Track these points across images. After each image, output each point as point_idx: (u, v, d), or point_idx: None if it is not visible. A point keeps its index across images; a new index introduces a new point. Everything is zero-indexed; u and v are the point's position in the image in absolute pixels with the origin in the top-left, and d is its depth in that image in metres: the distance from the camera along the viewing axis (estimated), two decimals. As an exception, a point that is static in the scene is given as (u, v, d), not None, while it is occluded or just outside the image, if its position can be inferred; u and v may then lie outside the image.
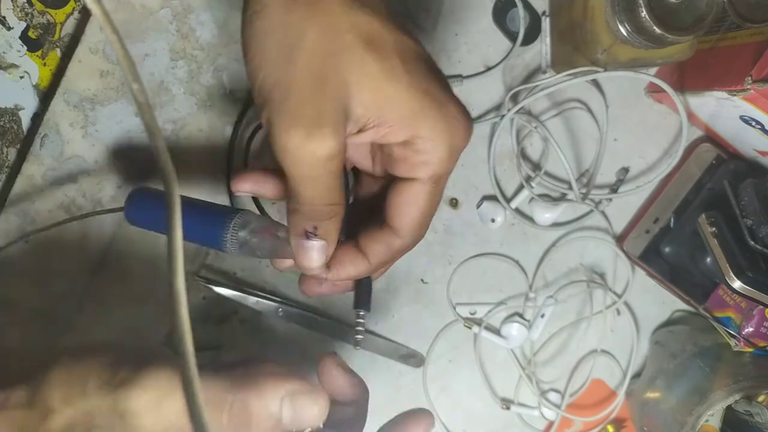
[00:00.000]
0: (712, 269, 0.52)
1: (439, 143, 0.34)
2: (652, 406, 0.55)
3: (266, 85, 0.32)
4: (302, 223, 0.35)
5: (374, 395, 0.57)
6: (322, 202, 0.35)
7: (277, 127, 0.32)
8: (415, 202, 0.36)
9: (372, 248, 0.38)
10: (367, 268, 0.38)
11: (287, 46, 0.32)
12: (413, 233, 0.37)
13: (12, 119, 0.51)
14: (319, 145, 0.32)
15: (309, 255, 0.36)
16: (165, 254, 0.52)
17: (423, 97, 0.33)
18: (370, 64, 0.32)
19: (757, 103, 0.45)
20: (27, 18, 0.50)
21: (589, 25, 0.48)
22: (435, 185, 0.36)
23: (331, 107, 0.32)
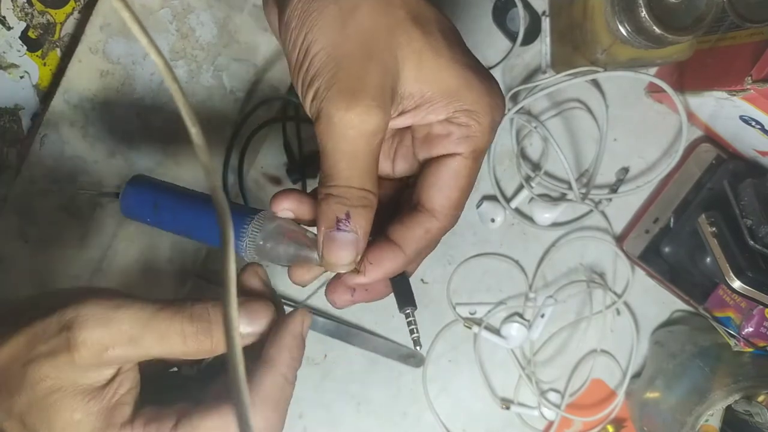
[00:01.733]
0: (712, 269, 0.52)
1: (483, 116, 0.34)
2: (651, 406, 0.55)
3: (319, 58, 0.32)
4: (334, 209, 0.33)
5: (374, 395, 0.57)
6: (359, 185, 0.33)
7: (326, 99, 0.32)
8: (457, 179, 0.35)
9: (407, 236, 0.35)
10: (404, 259, 0.35)
11: (341, 20, 0.32)
12: (452, 213, 0.36)
13: (12, 119, 0.51)
14: (365, 117, 0.31)
15: (339, 249, 0.34)
16: (164, 255, 0.52)
17: (466, 71, 0.34)
18: (417, 41, 0.33)
19: (757, 103, 0.45)
20: (27, 18, 0.50)
21: (589, 25, 0.48)
22: (475, 160, 0.35)
23: (381, 82, 0.32)
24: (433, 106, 0.34)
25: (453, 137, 0.35)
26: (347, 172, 0.33)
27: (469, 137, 0.35)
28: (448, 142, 0.35)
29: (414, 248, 0.36)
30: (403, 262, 0.36)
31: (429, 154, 0.36)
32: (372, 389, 0.57)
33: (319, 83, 0.32)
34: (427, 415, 0.57)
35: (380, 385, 0.57)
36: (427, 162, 0.36)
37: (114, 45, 0.50)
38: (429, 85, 0.33)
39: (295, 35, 0.32)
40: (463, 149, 0.35)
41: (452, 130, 0.35)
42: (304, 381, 0.38)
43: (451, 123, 0.35)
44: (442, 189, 0.35)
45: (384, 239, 0.35)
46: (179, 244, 0.52)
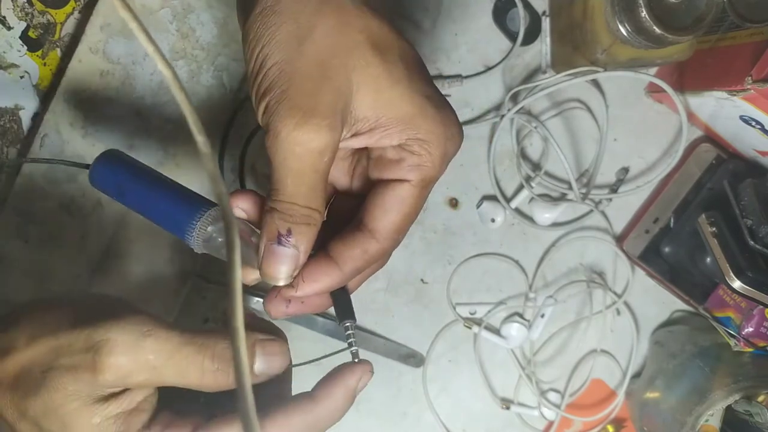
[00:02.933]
0: (712, 269, 0.52)
1: (435, 146, 0.35)
2: (651, 406, 0.55)
3: (272, 74, 0.32)
4: (277, 224, 0.34)
5: (374, 395, 0.57)
6: (304, 203, 0.34)
7: (275, 115, 0.32)
8: (402, 204, 0.35)
9: (345, 255, 0.35)
10: (340, 277, 0.36)
11: (298, 38, 0.32)
12: (393, 237, 0.36)
13: (12, 119, 0.51)
14: (313, 136, 0.32)
15: (277, 262, 0.34)
16: (165, 255, 0.52)
17: (423, 101, 0.34)
18: (375, 66, 0.33)
19: (757, 103, 0.45)
20: (27, 18, 0.50)
21: (589, 25, 0.48)
22: (423, 189, 0.36)
23: (333, 102, 0.32)
24: (388, 131, 0.34)
25: (404, 164, 0.35)
26: (292, 188, 0.33)
27: (420, 166, 0.35)
28: (399, 168, 0.35)
29: (351, 267, 0.36)
30: (339, 279, 0.36)
31: (380, 176, 0.36)
32: (372, 389, 0.57)
33: (270, 97, 0.32)
34: (427, 415, 0.57)
35: (380, 385, 0.57)
36: (377, 183, 0.37)
37: (114, 45, 0.50)
38: (384, 111, 0.34)
39: (251, 47, 0.33)
40: (413, 177, 0.35)
41: (404, 157, 0.35)
42: (304, 381, 0.38)
43: (404, 150, 0.35)
44: (387, 212, 0.36)
45: (323, 255, 0.36)
46: (179, 244, 0.52)
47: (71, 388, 0.32)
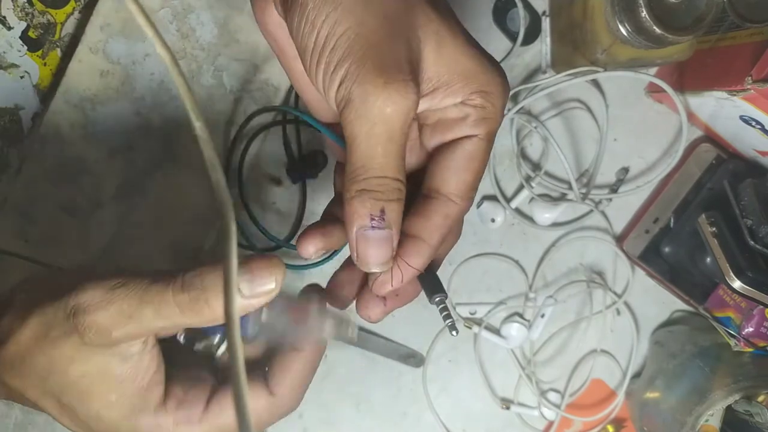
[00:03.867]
0: (712, 269, 0.52)
1: (497, 97, 0.34)
2: (651, 406, 0.55)
3: (347, 37, 0.31)
4: (369, 207, 0.32)
5: (374, 395, 0.57)
6: (394, 174, 0.32)
7: (359, 80, 0.30)
8: (473, 160, 0.35)
9: (428, 227, 0.34)
10: (429, 252, 0.34)
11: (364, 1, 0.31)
12: (469, 195, 0.35)
13: (12, 119, 0.51)
14: (403, 93, 0.30)
15: (376, 248, 0.32)
16: (165, 255, 0.52)
17: (480, 53, 0.33)
18: (435, 22, 0.32)
19: (757, 103, 0.45)
20: (27, 18, 0.50)
21: (589, 25, 0.48)
22: (490, 142, 0.35)
23: (410, 58, 0.31)
24: (451, 88, 0.33)
25: (469, 119, 0.34)
26: (383, 159, 0.31)
27: (485, 119, 0.34)
28: (464, 125, 0.34)
29: (437, 237, 0.35)
30: (429, 253, 0.35)
31: (442, 139, 0.35)
32: (372, 389, 0.57)
33: (349, 64, 0.30)
34: (427, 415, 0.57)
35: (380, 385, 0.57)
36: (439, 148, 0.36)
37: (114, 45, 0.50)
38: (447, 68, 0.33)
39: (314, 16, 0.31)
40: (480, 131, 0.34)
41: (469, 113, 0.34)
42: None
43: (467, 105, 0.34)
44: (459, 172, 0.35)
45: (404, 236, 0.34)
46: (179, 245, 0.52)
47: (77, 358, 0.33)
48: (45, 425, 0.53)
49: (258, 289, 0.32)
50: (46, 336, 0.33)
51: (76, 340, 0.33)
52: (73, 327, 0.32)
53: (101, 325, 0.32)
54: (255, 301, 0.33)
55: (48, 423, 0.53)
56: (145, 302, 0.32)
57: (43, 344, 0.33)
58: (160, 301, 0.32)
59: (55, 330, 0.33)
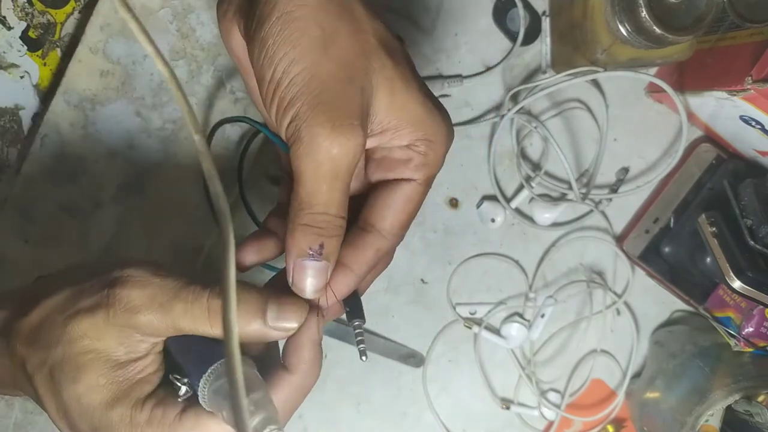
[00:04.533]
0: (712, 269, 0.52)
1: (439, 146, 0.36)
2: (651, 406, 0.55)
3: (301, 78, 0.32)
4: (309, 240, 0.34)
5: (374, 395, 0.57)
6: (336, 211, 0.34)
7: (309, 120, 0.32)
8: (409, 203, 0.37)
9: (357, 258, 0.37)
10: (355, 281, 0.37)
11: (324, 43, 0.32)
12: (400, 234, 0.37)
13: (12, 119, 0.51)
14: (350, 137, 0.32)
15: (310, 277, 0.35)
16: (165, 255, 0.52)
17: (430, 102, 0.35)
18: (388, 69, 0.34)
19: (757, 103, 0.45)
20: (27, 18, 0.50)
21: (589, 25, 0.48)
22: (427, 187, 0.37)
23: (361, 103, 0.33)
24: (399, 132, 0.35)
25: (411, 164, 0.36)
26: (327, 195, 0.33)
27: (426, 165, 0.36)
28: (406, 168, 0.36)
29: (365, 268, 0.37)
30: (355, 282, 0.37)
31: (384, 176, 0.37)
32: (372, 389, 0.57)
33: (301, 104, 0.32)
34: (427, 415, 0.57)
35: (380, 385, 0.57)
36: (379, 184, 0.37)
37: (114, 45, 0.50)
38: (398, 113, 0.34)
39: (272, 52, 0.32)
40: (419, 176, 0.36)
41: (411, 156, 0.36)
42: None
43: (412, 150, 0.36)
44: (395, 211, 0.37)
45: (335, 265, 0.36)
46: (179, 245, 0.52)
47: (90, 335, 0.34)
48: (45, 425, 0.53)
49: (281, 323, 0.35)
50: (74, 304, 0.34)
51: (99, 317, 0.33)
52: (105, 298, 0.33)
53: (132, 302, 0.33)
54: (274, 333, 0.35)
55: (48, 423, 0.53)
56: (179, 298, 0.34)
57: (66, 313, 0.34)
58: (194, 301, 0.33)
59: (85, 299, 0.34)
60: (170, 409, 0.35)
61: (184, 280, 0.34)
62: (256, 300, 0.34)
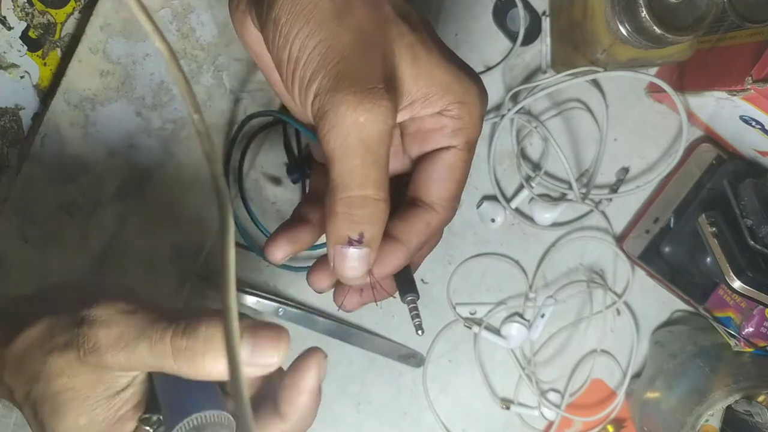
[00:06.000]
0: (712, 269, 0.52)
1: (473, 107, 0.34)
2: (652, 406, 0.55)
3: (318, 51, 0.31)
4: (347, 227, 0.32)
5: (374, 395, 0.57)
6: (374, 192, 0.31)
7: (332, 93, 0.30)
8: (453, 171, 0.35)
9: (408, 231, 0.35)
10: (407, 254, 0.35)
11: (337, 14, 0.31)
12: (450, 205, 0.36)
13: (12, 119, 0.51)
14: (377, 104, 0.30)
15: (351, 265, 0.33)
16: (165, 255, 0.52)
17: (454, 65, 0.34)
18: (407, 35, 0.32)
19: (757, 103, 0.45)
20: (27, 18, 0.50)
21: (589, 25, 0.48)
22: (469, 152, 0.35)
23: (383, 69, 0.31)
24: (428, 100, 0.34)
25: (446, 130, 0.35)
26: (361, 172, 0.31)
27: (462, 129, 0.35)
28: (441, 136, 0.35)
29: (416, 242, 0.35)
30: (406, 257, 0.35)
31: (422, 149, 0.36)
32: (372, 389, 0.57)
33: (321, 77, 0.31)
34: (427, 415, 0.57)
35: (380, 385, 0.57)
36: (420, 157, 0.36)
37: (114, 45, 0.50)
38: (424, 80, 0.33)
39: (286, 30, 0.31)
40: (458, 141, 0.35)
41: (445, 123, 0.35)
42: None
43: (444, 116, 0.34)
44: (440, 182, 0.35)
45: (385, 237, 0.34)
46: (179, 244, 0.52)
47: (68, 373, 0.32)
48: (45, 425, 0.53)
49: (258, 359, 0.32)
50: (50, 340, 0.33)
51: (72, 355, 0.32)
52: (75, 337, 0.32)
53: (99, 343, 0.32)
54: (251, 369, 0.32)
55: (48, 423, 0.53)
56: (144, 336, 0.32)
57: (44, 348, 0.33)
58: (158, 340, 0.31)
59: (59, 336, 0.33)
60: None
61: (151, 316, 0.32)
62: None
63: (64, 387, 0.33)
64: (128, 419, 0.34)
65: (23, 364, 0.34)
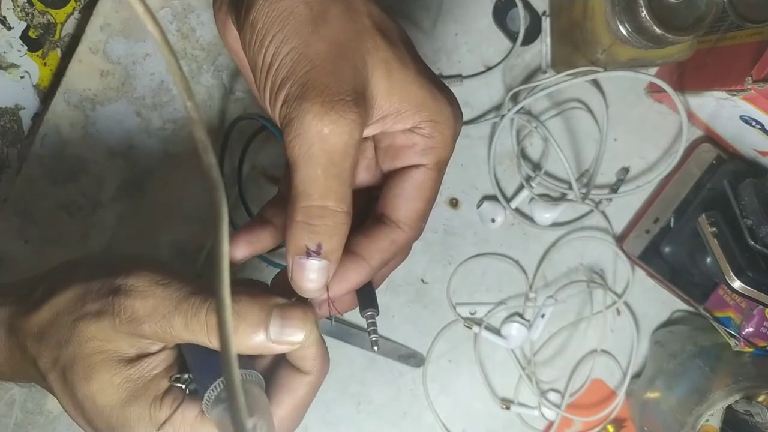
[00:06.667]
0: (712, 269, 0.52)
1: (446, 127, 0.34)
2: (652, 406, 0.55)
3: (290, 58, 0.31)
4: (305, 238, 0.32)
5: (374, 395, 0.57)
6: (335, 203, 0.31)
7: (299, 101, 0.30)
8: (422, 190, 0.35)
9: (371, 249, 0.35)
10: (368, 273, 0.35)
11: (313, 22, 0.31)
12: (417, 224, 0.36)
13: (12, 119, 0.51)
14: (344, 116, 0.30)
15: (309, 276, 0.33)
16: (165, 255, 0.52)
17: (430, 83, 0.34)
18: (384, 50, 0.32)
19: (757, 103, 0.45)
20: (27, 18, 0.51)
21: (589, 25, 0.48)
22: (439, 171, 0.35)
23: (356, 82, 0.31)
24: (400, 116, 0.33)
25: (417, 148, 0.35)
26: (323, 183, 0.31)
27: (433, 148, 0.34)
28: (412, 153, 0.35)
29: (379, 260, 0.35)
30: (368, 274, 0.35)
31: (393, 165, 0.36)
32: (372, 389, 0.57)
33: (291, 84, 0.31)
34: (427, 415, 0.57)
35: (380, 385, 0.57)
36: (391, 173, 0.36)
37: (114, 45, 0.50)
38: (397, 96, 0.33)
39: (261, 35, 0.31)
40: (428, 160, 0.35)
41: (416, 141, 0.34)
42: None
43: (415, 133, 0.34)
44: (407, 200, 0.35)
45: (348, 253, 0.34)
46: (180, 244, 0.52)
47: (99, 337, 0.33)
48: (45, 425, 0.53)
49: (285, 337, 0.33)
50: (81, 307, 0.34)
51: (106, 323, 0.33)
52: (110, 305, 0.33)
53: (136, 313, 0.33)
54: (278, 347, 0.33)
55: (48, 423, 0.53)
56: (180, 311, 0.33)
57: (74, 314, 0.34)
58: (193, 316, 0.32)
59: (91, 303, 0.34)
60: (189, 410, 0.34)
61: (186, 289, 0.33)
62: (259, 311, 0.33)
63: (97, 349, 0.33)
64: (161, 378, 0.35)
65: (51, 330, 0.34)
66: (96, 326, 0.33)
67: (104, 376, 0.33)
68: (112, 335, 0.33)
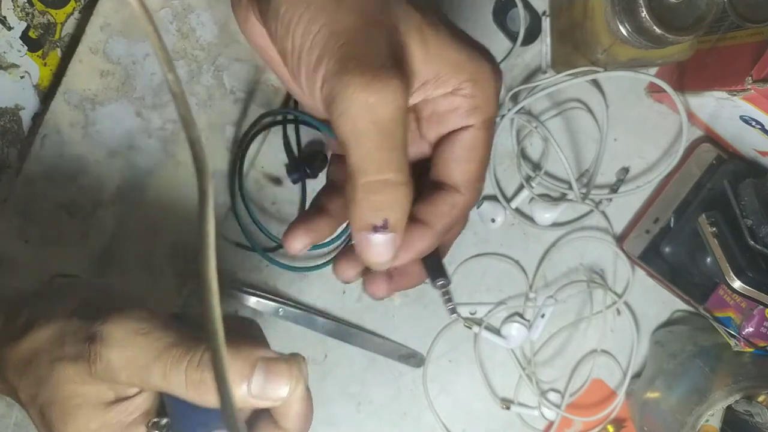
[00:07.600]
0: (712, 269, 0.52)
1: (487, 85, 0.33)
2: (652, 406, 0.55)
3: (322, 35, 0.30)
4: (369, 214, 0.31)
5: (374, 395, 0.57)
6: (395, 176, 0.30)
7: (339, 76, 0.29)
8: (473, 150, 0.34)
9: (434, 214, 0.34)
10: (433, 237, 0.34)
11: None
12: (474, 185, 0.35)
13: (12, 119, 0.51)
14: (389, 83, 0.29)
15: (376, 250, 0.32)
16: (165, 255, 0.52)
17: (465, 44, 0.33)
18: (414, 16, 0.31)
19: (757, 103, 0.45)
20: (27, 18, 0.50)
21: (589, 25, 0.48)
22: (488, 130, 0.34)
23: (390, 47, 0.30)
24: (440, 80, 0.33)
25: (461, 110, 0.34)
26: (378, 156, 0.29)
27: (478, 107, 0.34)
28: (457, 116, 0.34)
29: (442, 225, 0.34)
30: (433, 239, 0.34)
31: (439, 132, 0.35)
32: (372, 389, 0.57)
33: (327, 61, 0.29)
34: (427, 415, 0.57)
35: (380, 385, 0.57)
36: (439, 140, 0.35)
37: (114, 45, 0.50)
38: (434, 60, 0.32)
39: (287, 19, 0.30)
40: (474, 120, 0.34)
41: (459, 103, 0.34)
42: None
43: (457, 96, 0.33)
44: (461, 163, 0.34)
45: (410, 220, 0.33)
46: (180, 244, 0.52)
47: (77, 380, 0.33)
48: (45, 425, 0.53)
49: (268, 392, 0.32)
50: (59, 348, 0.33)
51: (82, 368, 0.32)
52: (86, 351, 0.32)
53: (111, 363, 0.32)
54: (260, 402, 0.32)
55: (48, 423, 0.53)
56: (159, 362, 0.32)
57: (52, 355, 0.33)
58: (172, 368, 0.32)
59: (69, 346, 0.33)
60: None
61: (167, 340, 0.32)
62: (241, 364, 0.32)
63: (74, 393, 0.33)
64: (138, 423, 0.34)
65: (30, 367, 0.34)
66: (74, 369, 0.33)
67: (81, 421, 0.33)
68: (89, 379, 0.33)
